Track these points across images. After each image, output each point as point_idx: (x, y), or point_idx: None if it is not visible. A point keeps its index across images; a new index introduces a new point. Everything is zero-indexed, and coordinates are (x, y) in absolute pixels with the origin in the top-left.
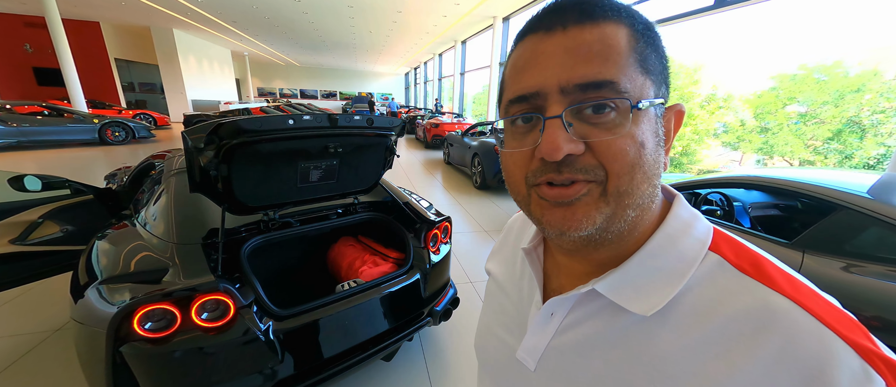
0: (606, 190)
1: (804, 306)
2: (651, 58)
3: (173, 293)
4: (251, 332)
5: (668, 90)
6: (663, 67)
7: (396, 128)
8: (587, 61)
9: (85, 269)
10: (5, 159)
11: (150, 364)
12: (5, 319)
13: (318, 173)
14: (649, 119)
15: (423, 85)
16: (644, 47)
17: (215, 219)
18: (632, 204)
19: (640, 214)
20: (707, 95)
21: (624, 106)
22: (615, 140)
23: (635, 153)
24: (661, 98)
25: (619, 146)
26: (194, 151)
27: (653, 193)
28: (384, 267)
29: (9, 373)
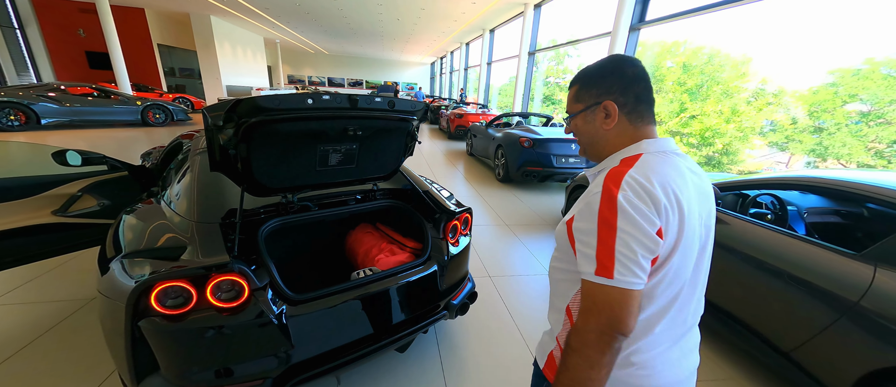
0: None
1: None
2: (582, 94)
3: (190, 272)
4: (264, 315)
5: (600, 97)
6: (594, 93)
7: (418, 112)
8: (567, 103)
9: (111, 242)
10: (60, 137)
11: (167, 340)
12: (48, 286)
13: (337, 157)
14: (581, 119)
15: (449, 75)
16: (579, 91)
17: (236, 199)
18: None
19: (598, 152)
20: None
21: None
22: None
23: (576, 131)
24: (587, 108)
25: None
26: (214, 129)
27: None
28: (401, 256)
29: (46, 338)
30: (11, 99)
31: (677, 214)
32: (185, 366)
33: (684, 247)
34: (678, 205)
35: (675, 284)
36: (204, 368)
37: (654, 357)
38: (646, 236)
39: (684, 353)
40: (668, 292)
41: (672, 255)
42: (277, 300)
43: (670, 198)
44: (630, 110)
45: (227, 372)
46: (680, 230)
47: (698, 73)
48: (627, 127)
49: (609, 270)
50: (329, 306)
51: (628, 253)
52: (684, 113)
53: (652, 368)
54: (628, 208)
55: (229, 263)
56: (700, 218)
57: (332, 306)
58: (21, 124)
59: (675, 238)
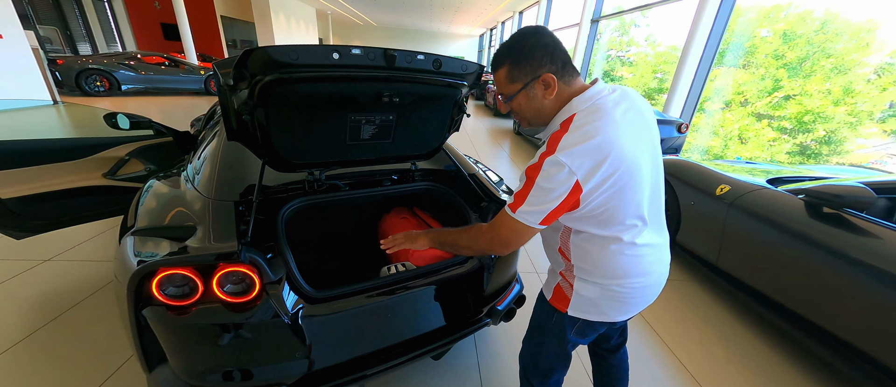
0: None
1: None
2: (515, 73)
3: (195, 259)
4: (276, 315)
5: (536, 71)
6: (528, 69)
7: (470, 76)
8: (497, 85)
9: (133, 211)
10: (136, 102)
11: (170, 332)
12: (100, 246)
13: (370, 129)
14: (523, 97)
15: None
16: (511, 71)
17: (268, 176)
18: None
19: (543, 120)
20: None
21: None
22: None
23: (517, 109)
24: (526, 85)
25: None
26: (227, 90)
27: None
28: (439, 251)
29: (97, 296)
30: (98, 66)
31: (611, 162)
32: (190, 363)
33: (622, 177)
34: (608, 150)
35: (627, 207)
36: (211, 367)
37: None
38: (553, 194)
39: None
40: (627, 213)
41: (616, 191)
42: (293, 297)
43: (595, 151)
44: (561, 75)
45: (239, 375)
46: (614, 168)
47: (804, 43)
48: (563, 89)
49: (516, 207)
50: (353, 307)
51: (534, 201)
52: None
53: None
54: (548, 169)
55: (238, 252)
56: (638, 146)
57: (358, 307)
58: (105, 90)
59: (605, 176)
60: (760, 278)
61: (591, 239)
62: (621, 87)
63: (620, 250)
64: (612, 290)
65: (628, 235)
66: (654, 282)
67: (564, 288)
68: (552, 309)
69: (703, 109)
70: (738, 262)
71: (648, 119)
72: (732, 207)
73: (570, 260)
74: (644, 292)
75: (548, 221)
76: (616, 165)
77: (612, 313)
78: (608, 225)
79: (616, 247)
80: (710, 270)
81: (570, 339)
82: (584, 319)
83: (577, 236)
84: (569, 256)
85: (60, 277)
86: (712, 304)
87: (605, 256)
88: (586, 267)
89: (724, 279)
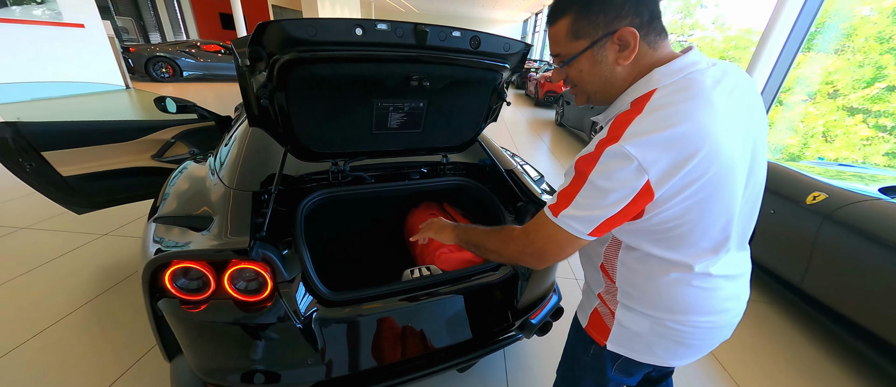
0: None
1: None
2: (582, 26)
3: (207, 254)
4: (287, 318)
5: (612, 24)
6: (602, 21)
7: (513, 57)
8: (552, 44)
9: (162, 195)
10: (194, 89)
11: (184, 327)
12: None
13: (399, 118)
14: (586, 62)
15: (543, 33)
16: (577, 23)
17: (290, 165)
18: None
19: (608, 96)
20: None
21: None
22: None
23: (577, 78)
24: (595, 43)
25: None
26: (245, 72)
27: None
28: (469, 253)
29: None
30: (164, 54)
31: (700, 158)
32: (202, 359)
33: (710, 183)
34: (698, 145)
35: (711, 223)
36: (221, 366)
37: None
38: (613, 196)
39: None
40: (708, 232)
41: (701, 198)
42: (308, 299)
43: (679, 143)
44: (647, 32)
45: (253, 377)
46: (703, 171)
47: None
48: (644, 54)
49: (559, 210)
50: (372, 313)
51: (585, 204)
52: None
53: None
54: (609, 162)
55: (248, 248)
56: (737, 143)
57: (377, 313)
58: (169, 76)
59: (689, 181)
60: (862, 309)
61: (646, 260)
62: (723, 62)
63: (686, 281)
64: (667, 326)
65: (702, 263)
66: (726, 322)
67: (603, 315)
68: (589, 340)
69: (781, 102)
70: (831, 286)
71: (756, 108)
72: (829, 219)
73: (613, 281)
74: (711, 333)
75: (601, 231)
76: (706, 166)
77: (665, 355)
78: (677, 246)
79: (680, 276)
80: (791, 292)
81: (611, 378)
82: (628, 356)
83: (629, 254)
84: (613, 275)
85: (116, 250)
86: (792, 333)
87: (663, 285)
88: (634, 293)
89: (811, 305)
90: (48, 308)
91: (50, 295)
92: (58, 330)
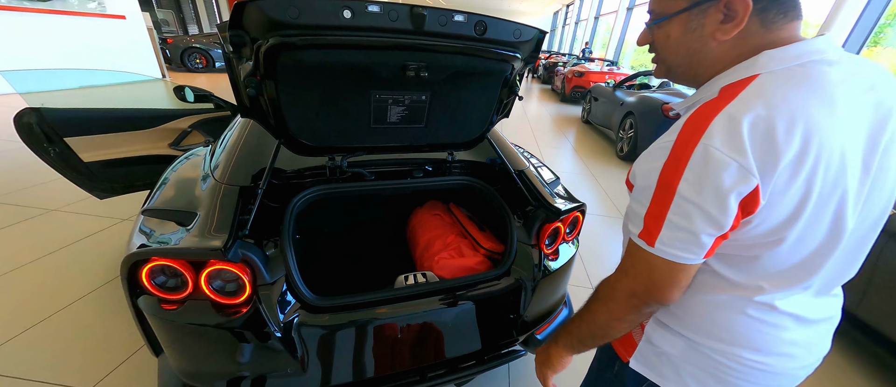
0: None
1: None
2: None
3: (184, 252)
4: (264, 323)
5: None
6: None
7: (525, 46)
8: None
9: (158, 184)
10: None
11: (162, 326)
12: None
13: (399, 111)
14: (678, 26)
15: (574, 26)
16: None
17: (285, 159)
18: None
19: (693, 74)
20: None
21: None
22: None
23: (662, 44)
24: (694, 5)
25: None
26: (231, 58)
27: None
28: (470, 260)
29: None
30: (198, 45)
31: (807, 164)
32: (181, 360)
33: (818, 204)
34: (809, 149)
35: (799, 250)
36: (200, 369)
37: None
38: (716, 208)
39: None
40: (790, 259)
41: (798, 216)
42: (289, 304)
43: (794, 140)
44: (766, 5)
45: (232, 383)
46: (810, 185)
47: None
48: (754, 32)
49: (653, 237)
50: (361, 321)
51: (683, 225)
52: None
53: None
54: (701, 168)
55: (223, 248)
56: (856, 162)
57: (366, 322)
58: (203, 67)
59: (801, 196)
60: None
61: (696, 275)
62: (865, 60)
63: (740, 307)
64: (704, 353)
65: (768, 293)
66: (785, 369)
67: (634, 333)
68: (612, 354)
69: None
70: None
71: (892, 116)
72: (894, 237)
73: None
74: (762, 377)
75: (714, 249)
76: (810, 178)
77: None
78: (741, 265)
79: (734, 298)
80: (845, 318)
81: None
82: (652, 380)
83: None
84: None
85: None
86: (844, 364)
87: (709, 304)
88: (671, 305)
89: (870, 337)
90: (71, 286)
91: (75, 274)
92: (78, 308)
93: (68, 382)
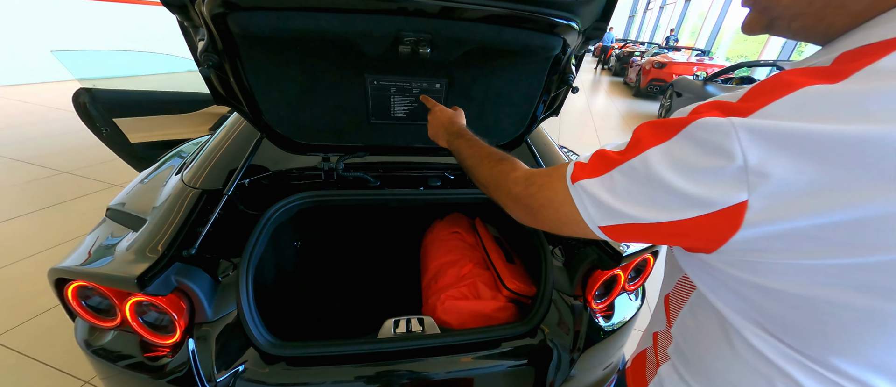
0: None
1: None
2: None
3: (99, 276)
4: (191, 374)
5: None
6: None
7: (586, 7)
8: None
9: (143, 176)
10: None
11: (96, 358)
12: None
13: (406, 103)
14: None
15: (658, 10)
16: None
17: (274, 158)
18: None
19: (809, 23)
20: None
21: None
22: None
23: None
24: None
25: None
26: (186, 27)
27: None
28: (486, 305)
29: None
30: None
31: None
32: None
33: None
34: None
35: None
36: None
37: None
38: (662, 203)
39: None
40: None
41: (822, 256)
42: (238, 349)
43: (863, 161)
44: None
45: None
46: (880, 237)
47: None
48: None
49: (579, 174)
50: (327, 381)
51: (619, 188)
52: None
53: None
54: (678, 150)
55: (141, 278)
56: None
57: (336, 382)
58: None
59: (847, 243)
60: None
61: (719, 320)
62: None
63: (768, 376)
64: None
65: (805, 373)
66: None
67: (649, 361)
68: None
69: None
70: None
71: None
72: None
73: (670, 324)
74: None
75: (621, 236)
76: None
77: None
78: (784, 330)
79: (762, 366)
80: None
81: None
82: None
83: (700, 302)
84: (672, 316)
85: None
86: None
87: (736, 372)
88: (690, 356)
89: None
90: None
91: None
92: None
93: None
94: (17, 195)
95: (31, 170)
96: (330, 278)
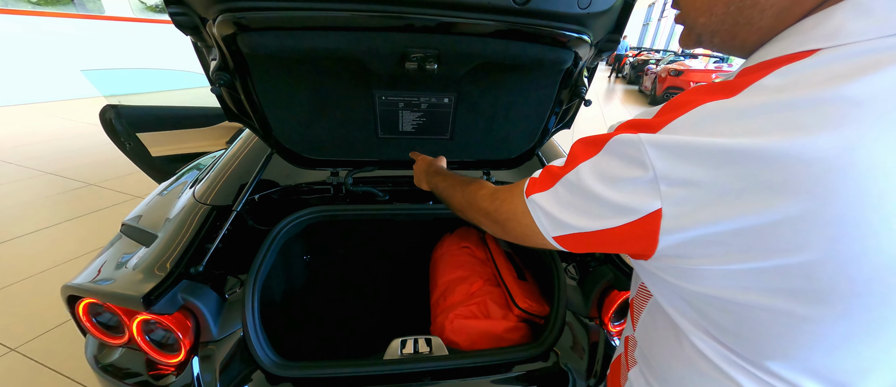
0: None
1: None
2: None
3: (111, 295)
4: None
5: None
6: None
7: (597, 20)
8: None
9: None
10: None
11: (105, 376)
12: None
13: (415, 118)
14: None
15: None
16: None
17: (284, 173)
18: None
19: (731, 37)
20: None
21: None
22: None
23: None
24: None
25: None
26: (199, 47)
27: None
28: (497, 324)
29: None
30: None
31: (798, 207)
32: None
33: (809, 273)
34: (812, 181)
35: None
36: None
37: None
38: (596, 212)
39: None
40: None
41: (739, 262)
42: (244, 370)
43: (767, 169)
44: None
45: None
46: (800, 241)
47: None
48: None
49: (532, 189)
50: None
51: (563, 200)
52: None
53: None
54: (603, 164)
55: (147, 297)
56: None
57: None
58: None
59: (762, 250)
60: None
61: (672, 325)
62: None
63: (717, 379)
64: None
65: (746, 377)
66: None
67: (622, 364)
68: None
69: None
70: None
71: None
72: None
73: (635, 327)
74: None
75: (573, 245)
76: (805, 238)
77: None
78: (729, 335)
79: (709, 370)
80: None
81: None
82: None
83: (656, 306)
84: (635, 321)
85: None
86: None
87: (687, 369)
88: (651, 358)
89: None
90: None
91: None
92: None
93: None
94: (49, 207)
95: (64, 182)
96: (338, 294)
